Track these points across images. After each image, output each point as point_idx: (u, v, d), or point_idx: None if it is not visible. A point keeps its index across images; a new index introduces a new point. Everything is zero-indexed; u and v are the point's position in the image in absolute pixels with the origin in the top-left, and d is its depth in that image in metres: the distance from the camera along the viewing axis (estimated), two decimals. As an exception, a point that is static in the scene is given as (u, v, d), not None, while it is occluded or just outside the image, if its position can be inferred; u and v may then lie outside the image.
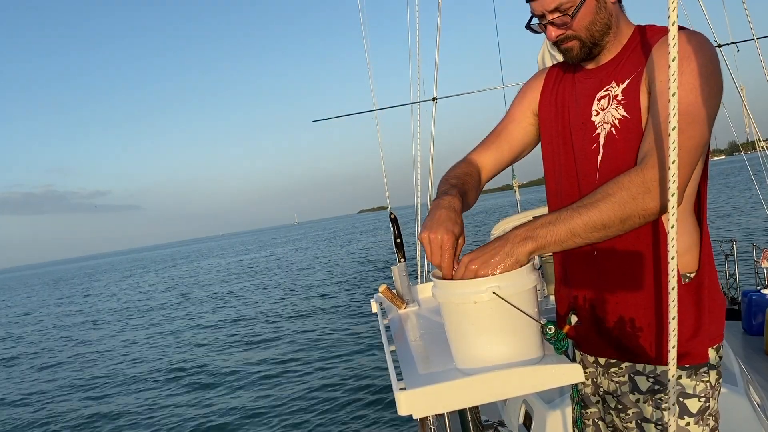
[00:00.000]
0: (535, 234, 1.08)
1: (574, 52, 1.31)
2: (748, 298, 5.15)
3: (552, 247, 1.10)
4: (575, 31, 1.27)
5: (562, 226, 1.09)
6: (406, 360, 1.10)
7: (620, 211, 1.09)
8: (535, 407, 2.81)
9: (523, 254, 1.06)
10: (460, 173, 1.41)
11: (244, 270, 38.33)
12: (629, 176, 1.12)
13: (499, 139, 1.51)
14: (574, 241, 1.11)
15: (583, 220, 1.09)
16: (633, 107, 1.25)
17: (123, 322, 20.92)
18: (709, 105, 1.15)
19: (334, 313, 15.38)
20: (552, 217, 1.11)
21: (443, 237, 1.09)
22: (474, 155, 1.51)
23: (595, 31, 1.27)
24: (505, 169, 1.55)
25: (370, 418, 7.27)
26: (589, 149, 1.33)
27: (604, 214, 1.09)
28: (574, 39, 1.29)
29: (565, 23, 1.26)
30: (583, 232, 1.10)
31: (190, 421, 8.35)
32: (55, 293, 46.48)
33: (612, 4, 1.27)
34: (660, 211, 1.12)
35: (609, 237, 1.13)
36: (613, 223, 1.10)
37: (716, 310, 1.32)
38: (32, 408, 10.59)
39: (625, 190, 1.10)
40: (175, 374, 11.40)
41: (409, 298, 1.55)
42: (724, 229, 18.55)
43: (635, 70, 1.26)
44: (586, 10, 1.25)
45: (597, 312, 1.36)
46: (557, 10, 1.25)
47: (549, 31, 1.29)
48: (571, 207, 1.12)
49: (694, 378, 1.28)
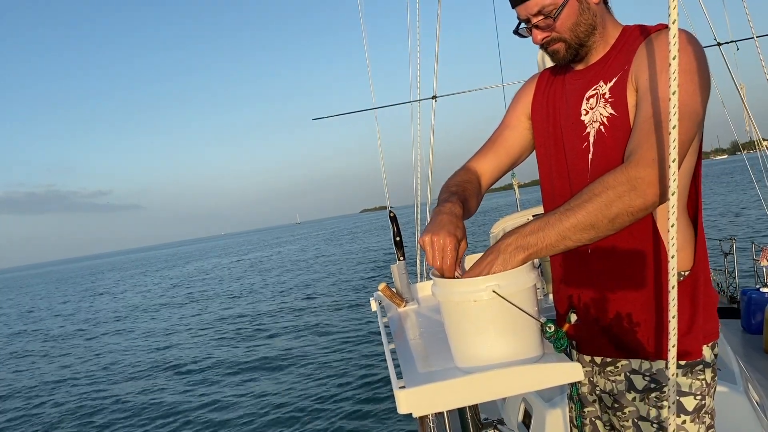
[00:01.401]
0: (525, 242, 1.08)
1: (561, 53, 1.33)
2: (748, 296, 5.16)
3: (544, 253, 1.09)
4: (559, 32, 1.29)
5: (551, 230, 1.09)
6: (405, 358, 1.10)
7: (607, 210, 1.09)
8: (534, 406, 2.81)
9: (515, 262, 1.06)
10: (459, 181, 1.42)
11: (244, 269, 38.35)
12: (614, 175, 1.11)
13: (496, 145, 1.53)
14: (565, 244, 1.10)
15: (572, 223, 1.09)
16: (620, 105, 1.25)
17: (129, 320, 20.93)
18: (694, 101, 1.15)
19: (334, 312, 15.38)
20: (540, 222, 1.11)
21: (445, 240, 1.10)
22: (473, 163, 1.52)
23: (579, 32, 1.29)
24: (505, 174, 1.57)
25: (369, 416, 7.28)
26: (580, 148, 1.34)
27: (591, 215, 1.09)
28: (559, 41, 1.30)
29: (549, 26, 1.28)
30: (572, 234, 1.09)
31: (183, 415, 8.36)
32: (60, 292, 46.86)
33: (596, 4, 1.29)
34: (648, 208, 1.11)
35: (600, 237, 1.13)
36: (601, 223, 1.09)
37: (710, 308, 1.33)
38: (74, 395, 10.62)
39: (610, 189, 1.09)
40: (169, 368, 11.42)
41: (408, 297, 1.55)
42: (723, 228, 18.56)
43: (622, 68, 1.27)
44: (569, 12, 1.26)
45: (593, 310, 1.37)
46: (540, 13, 1.27)
47: (534, 34, 1.31)
48: (558, 210, 1.11)
49: (690, 376, 1.29)
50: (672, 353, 1.04)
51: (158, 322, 18.95)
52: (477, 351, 1.00)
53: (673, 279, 1.01)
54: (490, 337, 0.99)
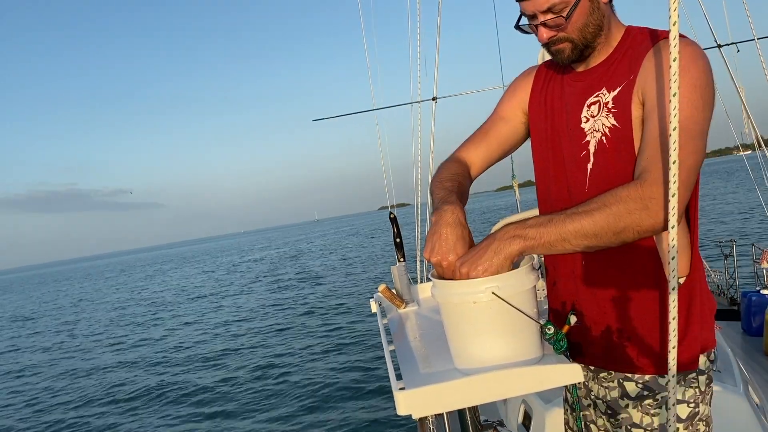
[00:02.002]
0: (524, 233, 1.07)
1: (566, 53, 1.28)
2: (748, 298, 5.15)
3: (540, 249, 1.08)
4: (568, 33, 1.24)
5: (553, 229, 1.08)
6: (405, 360, 1.10)
7: (614, 223, 1.08)
8: (534, 407, 2.81)
9: (510, 252, 1.05)
10: (453, 174, 1.38)
11: (248, 269, 38.37)
12: (628, 190, 1.10)
13: (488, 136, 1.49)
14: (564, 246, 1.09)
15: (575, 227, 1.08)
16: (623, 117, 1.22)
17: (146, 318, 20.98)
18: (705, 118, 1.14)
19: (334, 312, 15.38)
20: (544, 218, 1.10)
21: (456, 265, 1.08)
22: (462, 153, 1.48)
23: (587, 32, 1.24)
24: (492, 165, 1.53)
25: (369, 417, 7.27)
26: (578, 156, 1.31)
27: (597, 224, 1.08)
28: (565, 41, 1.26)
29: (559, 25, 1.23)
30: (573, 238, 1.08)
31: (183, 419, 8.35)
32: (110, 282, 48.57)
33: (605, 4, 1.25)
34: (656, 230, 1.10)
35: (599, 247, 1.12)
36: (605, 233, 1.08)
37: (706, 316, 1.30)
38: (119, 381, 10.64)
39: (622, 203, 1.08)
40: (166, 368, 11.42)
41: (408, 298, 1.55)
42: (723, 230, 18.56)
43: (627, 77, 1.23)
44: (580, 11, 1.21)
45: (584, 321, 1.34)
46: (550, 11, 1.22)
47: (540, 33, 1.26)
48: (565, 212, 1.10)
49: (683, 384, 1.27)
50: (672, 355, 1.03)
51: (155, 322, 18.98)
52: (476, 352, 1.00)
53: (673, 281, 1.01)
54: (490, 339, 0.99)
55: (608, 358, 1.33)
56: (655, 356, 1.26)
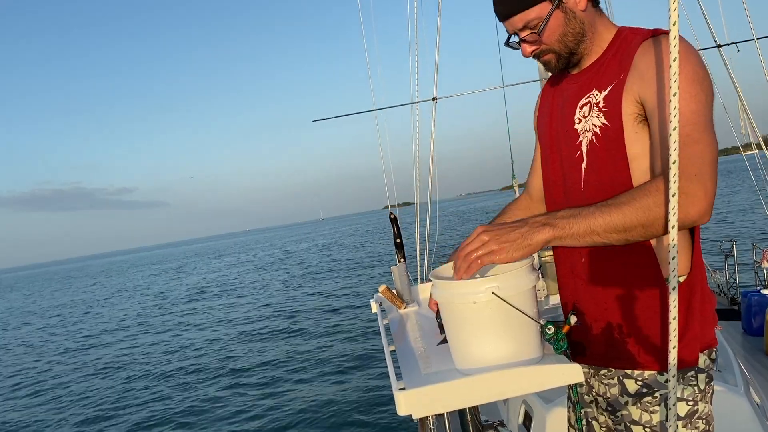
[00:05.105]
0: (555, 222, 1.09)
1: (552, 63, 1.34)
2: (749, 298, 5.15)
3: (568, 240, 1.10)
4: (548, 44, 1.29)
5: (582, 221, 1.10)
6: (405, 360, 1.10)
7: (643, 216, 1.09)
8: (534, 407, 2.81)
9: (538, 240, 1.07)
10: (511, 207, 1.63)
11: (250, 268, 38.40)
12: (656, 183, 1.11)
13: (535, 161, 1.60)
14: (592, 239, 1.11)
15: (605, 220, 1.10)
16: (614, 115, 1.24)
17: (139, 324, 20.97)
18: (709, 109, 1.15)
19: (335, 312, 15.38)
20: (574, 210, 1.12)
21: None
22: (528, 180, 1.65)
23: (568, 41, 1.29)
24: None
25: (369, 418, 7.27)
26: (574, 157, 1.34)
27: (627, 217, 1.09)
28: (549, 52, 1.31)
29: (535, 40, 1.29)
30: (602, 231, 1.10)
31: (180, 416, 8.36)
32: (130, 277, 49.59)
33: (582, 11, 1.27)
34: (685, 224, 1.10)
35: (629, 241, 1.13)
36: (635, 227, 1.10)
37: (707, 315, 1.31)
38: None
39: (650, 197, 1.09)
40: (169, 370, 11.42)
41: (408, 298, 1.56)
42: (723, 230, 18.57)
43: (617, 77, 1.25)
44: (555, 23, 1.26)
45: (585, 319, 1.36)
46: (527, 28, 1.28)
47: (523, 48, 1.32)
48: (594, 205, 1.13)
49: (682, 382, 1.27)
50: (672, 354, 1.04)
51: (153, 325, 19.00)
52: (477, 352, 1.00)
53: (673, 280, 1.02)
54: (490, 339, 0.99)
55: (609, 356, 1.34)
56: (655, 353, 1.27)
